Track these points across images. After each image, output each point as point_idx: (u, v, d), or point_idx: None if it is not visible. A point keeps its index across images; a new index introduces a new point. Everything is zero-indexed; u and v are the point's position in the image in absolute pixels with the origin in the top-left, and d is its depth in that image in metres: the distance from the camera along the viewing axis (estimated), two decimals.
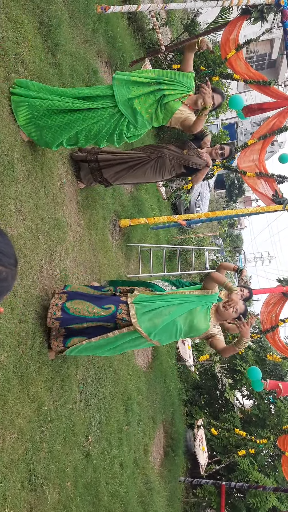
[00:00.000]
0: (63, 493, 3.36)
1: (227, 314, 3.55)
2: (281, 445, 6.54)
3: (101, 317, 3.42)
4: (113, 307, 3.45)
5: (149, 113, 3.72)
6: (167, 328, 3.47)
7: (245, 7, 5.78)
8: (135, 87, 3.61)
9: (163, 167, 4.71)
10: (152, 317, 3.44)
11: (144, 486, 5.36)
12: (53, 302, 3.41)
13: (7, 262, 0.96)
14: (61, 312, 3.38)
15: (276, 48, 24.22)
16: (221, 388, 9.45)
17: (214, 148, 4.98)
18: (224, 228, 25.49)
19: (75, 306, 3.41)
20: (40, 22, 3.97)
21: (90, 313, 3.41)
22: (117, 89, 3.56)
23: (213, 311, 3.62)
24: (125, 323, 3.44)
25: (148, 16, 8.57)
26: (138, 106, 3.63)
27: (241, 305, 3.58)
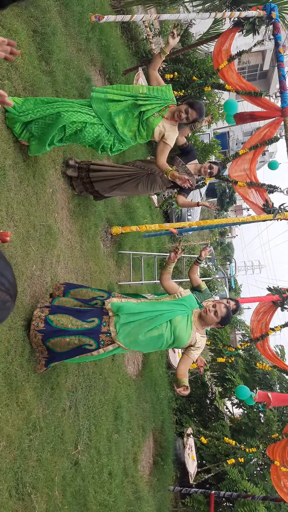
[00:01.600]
0: (51, 502, 3.33)
1: (209, 318, 3.55)
2: (270, 454, 6.54)
3: (84, 329, 3.36)
4: (96, 320, 3.41)
5: (132, 131, 3.80)
6: (152, 341, 3.46)
7: (237, 19, 5.86)
8: (112, 103, 3.66)
9: (154, 183, 4.81)
10: (132, 331, 3.40)
11: (133, 495, 5.33)
12: (35, 313, 3.35)
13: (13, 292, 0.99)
14: (44, 324, 3.32)
15: (268, 60, 24.49)
16: (211, 396, 9.44)
17: (203, 166, 5.08)
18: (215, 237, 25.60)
19: (58, 319, 3.37)
20: (34, 30, 3.99)
21: (73, 325, 3.36)
22: (96, 106, 3.62)
23: (195, 318, 3.60)
24: (109, 337, 3.39)
25: (141, 26, 8.65)
26: (120, 126, 3.72)
27: (222, 309, 3.57)
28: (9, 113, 3.36)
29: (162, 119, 3.87)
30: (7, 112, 3.36)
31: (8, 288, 0.98)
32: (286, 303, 6.22)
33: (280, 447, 6.44)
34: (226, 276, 16.89)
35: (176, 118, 3.92)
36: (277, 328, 6.40)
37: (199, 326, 3.60)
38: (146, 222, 7.96)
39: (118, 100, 3.67)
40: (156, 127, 3.84)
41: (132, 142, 3.90)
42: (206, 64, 8.71)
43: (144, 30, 8.36)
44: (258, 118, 6.13)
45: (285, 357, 8.79)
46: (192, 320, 3.56)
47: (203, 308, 3.62)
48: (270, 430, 7.54)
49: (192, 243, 13.70)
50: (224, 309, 3.57)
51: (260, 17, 5.75)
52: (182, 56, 8.84)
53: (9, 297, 0.99)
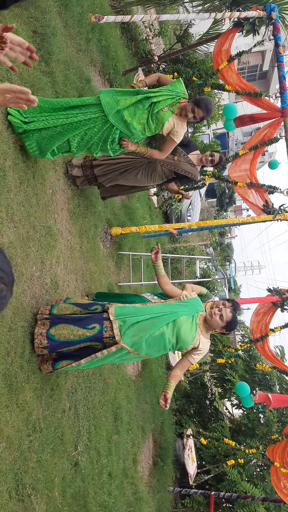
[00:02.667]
0: (51, 503, 3.32)
1: (214, 322, 3.53)
2: (270, 455, 6.53)
3: (87, 338, 3.38)
4: (97, 326, 3.40)
5: (142, 123, 3.75)
6: (155, 342, 3.42)
7: (237, 20, 5.86)
8: (122, 97, 3.64)
9: (154, 172, 4.77)
10: (136, 332, 3.38)
11: (133, 496, 5.32)
12: (37, 331, 3.35)
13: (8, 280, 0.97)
14: (47, 340, 3.34)
15: (268, 60, 24.50)
16: (210, 397, 9.43)
17: (205, 155, 5.04)
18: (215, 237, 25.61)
19: (59, 332, 3.37)
20: (34, 31, 3.99)
21: (75, 336, 3.37)
22: (105, 100, 3.58)
23: (201, 321, 3.57)
24: (113, 340, 3.40)
25: (141, 27, 8.65)
26: (128, 118, 3.66)
27: (228, 313, 3.56)
28: (12, 116, 3.36)
29: (172, 114, 3.86)
30: (10, 115, 3.36)
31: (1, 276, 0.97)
32: (286, 304, 6.22)
33: (280, 448, 6.43)
34: (226, 276, 16.89)
35: (183, 116, 3.92)
36: (277, 329, 6.40)
37: (204, 329, 3.57)
38: (146, 223, 7.95)
39: (127, 91, 3.69)
40: (166, 122, 3.83)
41: (141, 136, 3.86)
42: (206, 65, 8.71)
43: (144, 30, 8.36)
44: (258, 120, 6.14)
45: (285, 358, 8.78)
46: (197, 322, 3.54)
47: (209, 311, 3.58)
48: (270, 431, 7.53)
49: (191, 244, 13.70)
50: (230, 313, 3.54)
51: (260, 17, 5.75)
52: (181, 57, 8.84)
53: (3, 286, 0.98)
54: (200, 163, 5.10)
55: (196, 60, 8.88)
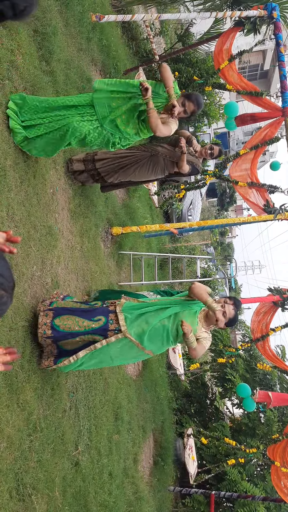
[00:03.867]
0: (51, 503, 3.32)
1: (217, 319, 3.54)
2: (270, 455, 6.52)
3: (92, 329, 3.39)
4: (103, 318, 3.43)
5: (135, 128, 3.75)
6: (157, 333, 3.47)
7: (238, 19, 5.85)
8: (116, 102, 3.60)
9: (156, 165, 4.73)
10: (140, 323, 3.43)
11: (133, 496, 5.32)
12: (41, 321, 3.34)
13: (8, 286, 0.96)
14: (51, 331, 3.34)
15: (269, 59, 24.46)
16: (211, 396, 9.43)
17: (204, 148, 5.04)
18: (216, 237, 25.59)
19: (64, 323, 3.37)
20: (35, 30, 3.99)
21: (81, 327, 3.38)
22: (98, 108, 3.57)
23: (201, 316, 3.60)
24: (117, 333, 3.42)
25: (142, 26, 8.64)
26: (122, 126, 3.68)
27: (231, 310, 3.58)
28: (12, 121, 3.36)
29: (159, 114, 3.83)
30: (11, 119, 3.36)
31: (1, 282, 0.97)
32: (286, 303, 6.21)
33: (280, 448, 6.43)
34: (227, 276, 16.89)
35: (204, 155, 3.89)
36: (278, 328, 6.39)
37: (204, 324, 3.60)
38: (147, 222, 7.95)
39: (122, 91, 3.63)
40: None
41: (137, 138, 3.86)
42: (206, 64, 8.70)
43: (144, 29, 8.34)
44: (259, 119, 6.12)
45: (286, 357, 8.78)
46: (198, 317, 3.57)
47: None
48: (270, 431, 7.52)
49: (192, 243, 13.69)
50: (233, 311, 3.59)
51: (261, 16, 5.73)
52: (182, 56, 8.83)
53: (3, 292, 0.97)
54: (200, 155, 5.10)
55: (197, 60, 8.87)
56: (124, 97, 3.61)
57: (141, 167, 4.69)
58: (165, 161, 4.75)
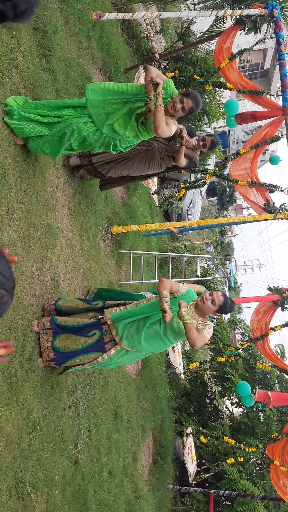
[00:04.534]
0: (51, 501, 3.32)
1: (206, 307, 3.52)
2: (269, 454, 6.53)
3: (89, 345, 3.50)
4: (97, 332, 3.53)
5: (134, 131, 3.71)
6: (152, 339, 3.52)
7: (239, 18, 5.83)
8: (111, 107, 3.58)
9: (152, 159, 4.70)
10: (132, 333, 3.50)
11: (133, 494, 5.32)
12: (43, 345, 3.48)
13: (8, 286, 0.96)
14: (54, 353, 3.47)
15: (269, 58, 24.43)
16: (210, 395, 9.43)
17: (197, 140, 4.98)
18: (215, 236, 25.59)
19: (63, 343, 3.50)
20: (35, 27, 3.98)
21: (78, 345, 3.50)
22: (94, 112, 3.56)
23: (191, 309, 3.57)
24: (113, 345, 3.53)
25: (142, 24, 8.62)
26: (120, 130, 3.65)
27: (220, 297, 3.55)
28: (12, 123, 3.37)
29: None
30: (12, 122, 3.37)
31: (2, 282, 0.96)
32: (286, 303, 6.21)
33: (279, 447, 6.43)
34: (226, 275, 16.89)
35: (171, 110, 3.73)
36: (277, 328, 6.39)
37: (196, 315, 3.57)
38: (147, 221, 7.94)
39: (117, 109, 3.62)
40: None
41: (137, 140, 3.84)
42: (207, 63, 8.69)
43: (145, 28, 8.33)
44: (260, 118, 6.11)
45: (285, 356, 8.78)
46: (188, 312, 3.55)
47: (200, 297, 3.59)
48: (269, 430, 7.53)
49: (192, 242, 13.68)
50: (221, 297, 3.54)
51: (262, 15, 5.72)
52: (183, 54, 8.82)
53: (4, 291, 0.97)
54: (193, 148, 5.03)
55: (197, 58, 8.86)
56: (119, 102, 3.59)
57: (138, 162, 4.66)
58: (161, 155, 4.72)
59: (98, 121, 3.56)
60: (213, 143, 4.94)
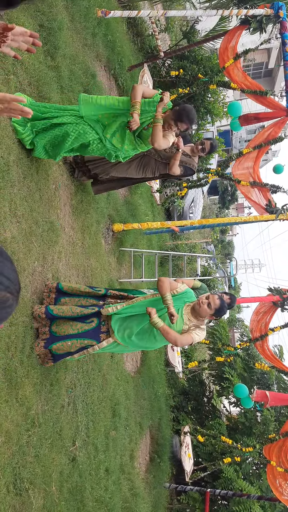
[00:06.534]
0: (48, 498, 3.34)
1: (202, 311, 3.52)
2: (266, 454, 6.55)
3: (85, 331, 3.50)
4: (95, 320, 3.54)
5: (132, 144, 3.76)
6: (145, 337, 3.55)
7: (244, 17, 5.83)
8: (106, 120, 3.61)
9: (147, 165, 4.65)
10: (125, 329, 3.51)
11: (129, 492, 5.34)
12: (41, 330, 3.49)
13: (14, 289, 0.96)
14: (49, 335, 3.47)
15: (273, 58, 24.40)
16: (208, 394, 9.45)
17: (195, 144, 4.95)
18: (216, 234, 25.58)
19: (60, 328, 3.51)
20: (41, 24, 3.97)
21: (74, 330, 3.50)
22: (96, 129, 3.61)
23: (187, 311, 3.58)
24: (107, 335, 3.54)
25: (147, 22, 8.60)
26: (118, 144, 3.71)
27: (216, 300, 3.55)
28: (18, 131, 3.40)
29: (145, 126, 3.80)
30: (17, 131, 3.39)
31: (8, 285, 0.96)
32: (286, 304, 6.22)
33: (276, 447, 6.45)
34: (227, 275, 16.89)
35: (167, 128, 3.74)
36: (277, 328, 6.40)
37: (192, 318, 3.57)
38: (148, 220, 7.94)
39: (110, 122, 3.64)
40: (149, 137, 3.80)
41: (136, 152, 3.91)
42: (211, 62, 8.67)
43: (150, 26, 8.31)
44: (263, 119, 6.11)
45: (284, 357, 8.80)
46: (183, 313, 3.55)
47: (196, 300, 3.59)
48: (267, 430, 7.55)
49: (193, 241, 13.69)
50: (217, 300, 3.52)
51: (268, 15, 5.71)
52: (187, 53, 8.80)
53: (9, 295, 0.96)
54: (193, 153, 4.99)
55: (202, 57, 8.84)
56: (111, 116, 3.61)
57: (132, 165, 4.59)
58: (156, 162, 4.66)
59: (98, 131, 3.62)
60: (212, 147, 4.91)
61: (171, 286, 3.57)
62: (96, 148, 3.70)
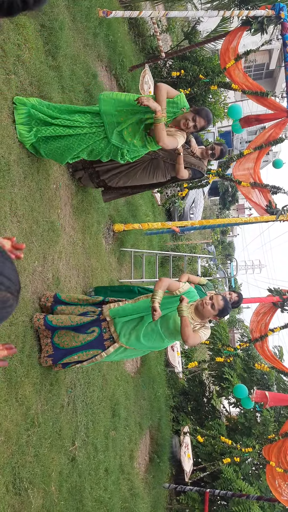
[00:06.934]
0: (47, 497, 3.34)
1: (206, 311, 3.52)
2: (266, 454, 6.55)
3: (89, 342, 3.50)
4: (96, 329, 3.52)
5: (142, 140, 3.72)
6: (151, 337, 3.52)
7: (246, 18, 5.83)
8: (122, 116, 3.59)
9: (157, 168, 4.61)
10: (130, 331, 3.49)
11: (129, 492, 5.34)
12: (43, 342, 3.49)
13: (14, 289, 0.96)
14: (53, 349, 3.47)
15: (274, 59, 24.38)
16: (208, 395, 9.45)
17: (205, 149, 4.93)
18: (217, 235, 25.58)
19: (62, 340, 3.50)
20: (42, 24, 3.98)
21: (77, 342, 3.50)
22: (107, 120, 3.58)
23: (191, 310, 3.56)
24: (112, 342, 3.53)
25: (149, 23, 8.61)
26: (128, 138, 3.65)
27: (220, 301, 3.55)
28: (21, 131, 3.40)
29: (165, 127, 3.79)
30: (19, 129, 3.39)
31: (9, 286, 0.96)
32: (286, 304, 6.22)
33: (276, 448, 6.45)
34: (227, 275, 16.89)
35: (183, 127, 3.75)
36: (277, 329, 6.41)
37: (196, 317, 3.57)
38: (149, 220, 7.95)
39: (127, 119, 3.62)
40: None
41: (145, 150, 3.85)
42: (212, 62, 8.68)
43: (151, 26, 8.32)
44: (264, 120, 6.11)
45: (283, 358, 8.80)
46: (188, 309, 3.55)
47: (200, 300, 3.59)
48: (266, 431, 7.54)
49: (193, 242, 13.69)
50: (221, 301, 3.52)
51: (269, 16, 5.72)
52: (189, 54, 8.81)
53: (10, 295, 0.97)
54: (202, 157, 4.92)
55: (203, 58, 8.85)
56: (130, 112, 3.60)
57: (141, 171, 4.58)
58: (166, 164, 4.63)
59: (109, 128, 3.59)
60: (222, 152, 4.90)
61: (171, 286, 3.57)
62: (100, 148, 3.67)
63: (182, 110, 3.75)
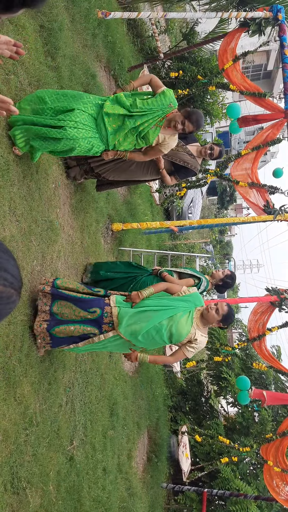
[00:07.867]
0: (45, 497, 3.35)
1: (211, 316, 3.55)
2: (263, 454, 6.57)
3: (87, 320, 3.46)
4: (98, 310, 3.47)
5: (132, 144, 3.78)
6: (151, 335, 3.49)
7: (244, 20, 5.85)
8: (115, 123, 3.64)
9: (151, 164, 4.61)
10: (133, 324, 3.45)
11: (126, 492, 5.35)
12: (40, 308, 3.44)
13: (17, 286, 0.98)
14: (50, 316, 3.41)
15: (272, 59, 24.42)
16: (206, 394, 9.47)
17: (204, 148, 4.93)
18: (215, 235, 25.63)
19: (62, 310, 3.44)
20: (41, 25, 3.99)
21: (77, 316, 3.45)
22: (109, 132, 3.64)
23: (197, 316, 3.59)
24: (111, 327, 3.49)
25: (147, 23, 8.63)
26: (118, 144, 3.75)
27: (224, 307, 3.58)
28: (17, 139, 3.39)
29: (160, 130, 3.78)
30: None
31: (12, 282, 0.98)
32: (284, 304, 6.24)
33: (273, 447, 6.47)
34: None
35: (172, 127, 3.78)
36: (274, 328, 6.42)
37: (200, 324, 3.59)
38: (147, 219, 7.96)
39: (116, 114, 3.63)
40: (155, 138, 3.81)
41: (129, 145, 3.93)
42: (211, 63, 8.70)
43: (150, 27, 8.34)
44: (262, 121, 6.13)
45: (281, 357, 8.82)
46: (194, 316, 3.56)
47: (205, 306, 3.61)
48: (264, 430, 7.56)
49: (191, 241, 13.71)
50: (226, 307, 3.56)
51: (266, 18, 5.74)
52: (187, 54, 8.83)
53: (13, 291, 0.99)
54: (199, 155, 4.95)
55: (201, 59, 8.87)
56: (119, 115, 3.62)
57: (136, 165, 4.56)
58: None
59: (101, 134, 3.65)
60: (220, 153, 4.94)
61: (171, 289, 3.65)
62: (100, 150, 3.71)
63: (170, 106, 3.73)
